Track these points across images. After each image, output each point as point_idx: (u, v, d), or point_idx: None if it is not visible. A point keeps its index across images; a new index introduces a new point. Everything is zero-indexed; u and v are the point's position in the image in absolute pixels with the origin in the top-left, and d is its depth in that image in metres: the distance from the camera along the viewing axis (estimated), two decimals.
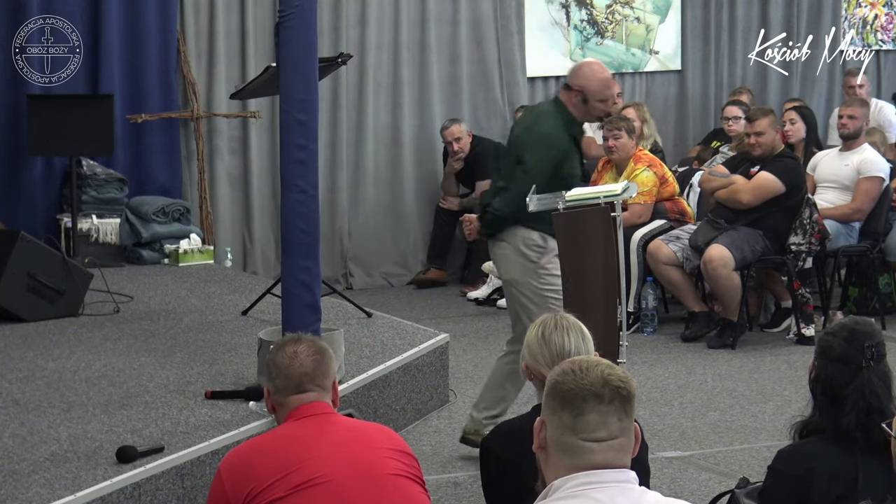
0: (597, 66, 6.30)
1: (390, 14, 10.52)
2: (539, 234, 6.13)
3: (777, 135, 8.62)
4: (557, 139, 6.09)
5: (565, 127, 6.12)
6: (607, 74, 6.28)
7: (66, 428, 5.54)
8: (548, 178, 6.01)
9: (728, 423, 6.88)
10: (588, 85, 6.13)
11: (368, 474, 3.54)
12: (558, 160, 6.05)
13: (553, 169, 6.04)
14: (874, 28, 12.26)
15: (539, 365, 3.80)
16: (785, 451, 3.69)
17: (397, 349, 6.93)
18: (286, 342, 3.81)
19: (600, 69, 6.27)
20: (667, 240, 8.71)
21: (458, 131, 10.14)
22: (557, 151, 6.07)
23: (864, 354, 3.61)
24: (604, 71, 6.27)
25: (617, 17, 11.39)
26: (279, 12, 5.76)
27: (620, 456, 2.64)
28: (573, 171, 6.17)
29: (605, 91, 6.20)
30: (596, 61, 6.49)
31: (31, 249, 7.63)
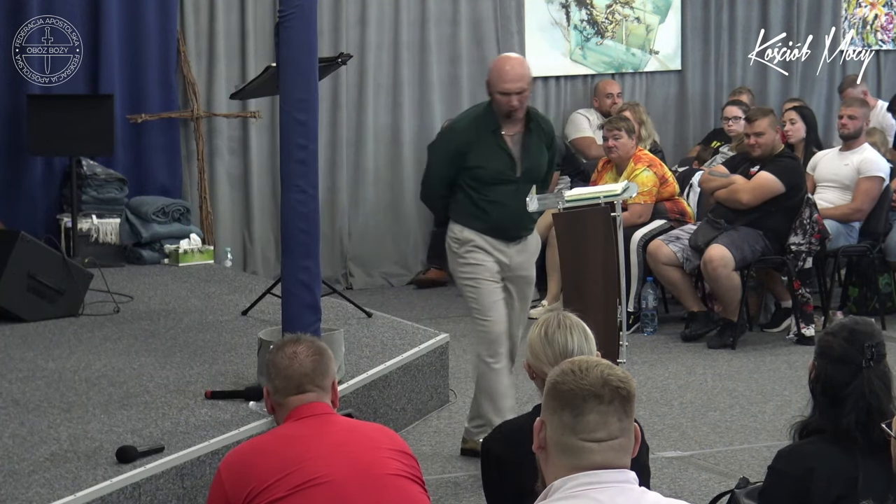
0: (500, 59, 6.19)
1: (390, 14, 10.51)
2: (459, 227, 6.14)
3: (777, 135, 8.62)
4: (457, 132, 6.13)
5: (476, 121, 6.09)
6: (506, 65, 6.03)
7: (66, 428, 5.54)
8: (450, 169, 6.07)
9: (728, 423, 6.88)
10: (488, 77, 6.12)
11: (368, 474, 3.55)
12: (458, 151, 6.03)
13: (452, 160, 6.05)
14: (874, 28, 12.25)
15: (542, 364, 3.80)
16: (785, 451, 3.69)
17: (397, 349, 6.93)
18: (286, 342, 3.81)
19: (502, 61, 6.12)
20: (667, 240, 8.72)
21: None
22: (454, 144, 6.08)
23: (864, 354, 3.62)
24: (504, 62, 6.07)
25: (617, 17, 11.38)
26: (279, 12, 5.76)
27: (620, 456, 2.64)
28: (486, 163, 6.03)
29: (500, 83, 5.99)
30: (508, 55, 6.34)
31: (31, 249, 7.62)
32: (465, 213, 6.09)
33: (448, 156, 6.10)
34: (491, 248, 6.10)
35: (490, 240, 6.10)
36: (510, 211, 6.06)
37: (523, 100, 6.03)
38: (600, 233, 6.84)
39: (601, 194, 7.22)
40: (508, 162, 6.06)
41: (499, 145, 6.03)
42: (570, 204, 7.13)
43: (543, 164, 6.23)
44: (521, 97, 6.00)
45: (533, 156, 6.14)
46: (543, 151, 6.22)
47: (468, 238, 6.09)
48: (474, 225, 6.07)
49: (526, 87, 6.00)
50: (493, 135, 6.02)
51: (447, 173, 6.10)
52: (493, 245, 6.11)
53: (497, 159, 6.03)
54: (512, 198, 6.04)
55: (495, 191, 6.06)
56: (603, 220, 6.85)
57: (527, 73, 6.06)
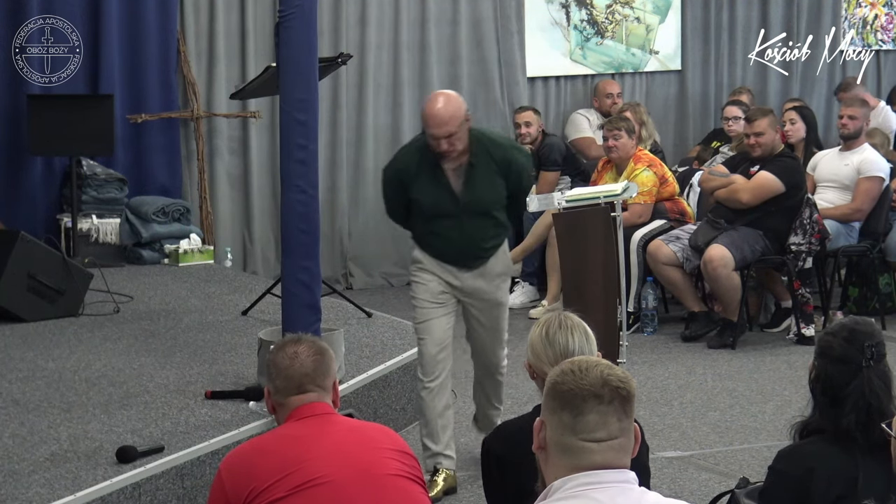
0: (430, 99, 5.73)
1: (390, 14, 10.51)
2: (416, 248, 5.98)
3: (777, 135, 8.61)
4: (399, 162, 5.90)
5: (419, 151, 5.78)
6: (433, 108, 5.62)
7: (66, 428, 5.54)
8: (397, 195, 5.90)
9: (728, 423, 6.88)
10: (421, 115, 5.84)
11: (368, 474, 3.55)
12: (401, 181, 5.82)
13: (397, 189, 5.87)
14: (874, 28, 12.26)
15: (542, 364, 3.80)
16: (785, 451, 3.69)
17: (397, 349, 6.93)
18: (286, 342, 3.81)
19: (430, 103, 5.68)
20: (667, 240, 8.71)
21: None
22: (396, 174, 5.85)
23: (864, 354, 3.62)
24: (432, 105, 5.64)
25: (617, 17, 11.38)
26: (279, 12, 5.76)
27: (620, 456, 2.64)
28: (424, 196, 5.77)
29: (427, 127, 5.66)
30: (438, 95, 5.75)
31: (31, 249, 7.63)
32: (417, 238, 5.96)
33: (392, 184, 5.91)
34: (440, 270, 5.86)
35: (441, 263, 5.87)
36: (454, 244, 5.80)
37: (454, 142, 5.63)
38: (600, 233, 6.84)
39: (601, 194, 7.23)
40: (448, 196, 5.75)
41: (439, 179, 5.74)
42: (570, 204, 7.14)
43: (492, 196, 5.83)
44: (451, 140, 5.61)
45: (478, 188, 5.76)
46: (494, 182, 5.81)
47: (417, 258, 5.92)
48: (425, 249, 5.90)
49: (455, 129, 5.59)
50: (433, 167, 5.73)
51: (397, 199, 5.93)
52: (443, 268, 5.86)
53: (436, 193, 5.75)
54: (455, 231, 5.78)
55: (437, 223, 5.80)
56: (603, 220, 6.85)
57: (457, 113, 5.62)
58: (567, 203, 7.16)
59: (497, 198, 5.85)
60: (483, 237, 5.85)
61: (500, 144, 5.94)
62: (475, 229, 5.80)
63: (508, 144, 6.12)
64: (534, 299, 9.66)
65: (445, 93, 5.80)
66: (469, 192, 5.75)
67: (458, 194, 5.75)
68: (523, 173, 5.99)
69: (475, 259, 5.86)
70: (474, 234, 5.81)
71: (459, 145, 5.67)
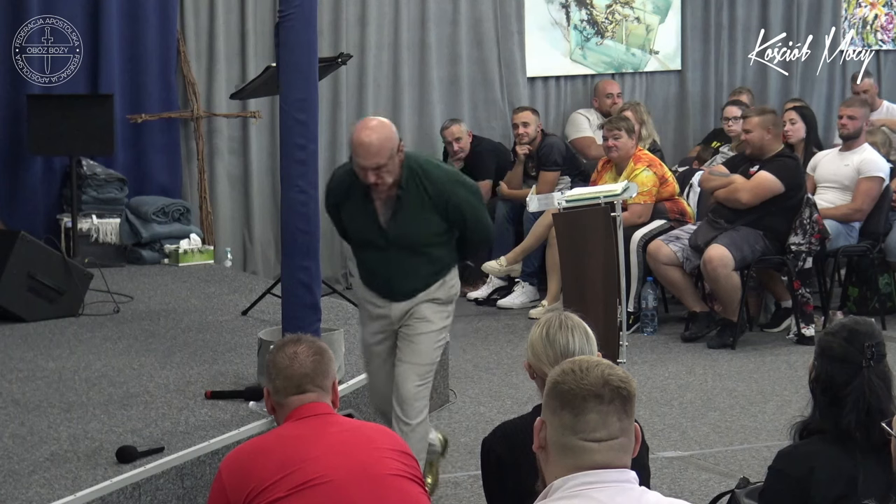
0: (358, 128, 5.32)
1: (390, 14, 10.52)
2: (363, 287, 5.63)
3: (769, 135, 8.60)
4: (331, 186, 5.56)
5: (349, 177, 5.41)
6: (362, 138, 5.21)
7: (66, 428, 5.54)
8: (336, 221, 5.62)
9: (728, 423, 6.88)
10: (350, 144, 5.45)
11: (368, 474, 3.55)
12: (334, 205, 5.52)
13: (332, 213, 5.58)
14: (874, 28, 12.26)
15: (542, 364, 3.80)
16: (785, 452, 3.69)
17: None
18: (286, 343, 3.81)
19: (358, 132, 5.28)
20: (667, 240, 8.71)
21: (458, 131, 10.13)
22: (330, 197, 5.55)
23: (865, 354, 3.61)
24: (360, 135, 5.23)
25: (617, 17, 11.39)
26: (279, 12, 5.76)
27: (620, 456, 2.64)
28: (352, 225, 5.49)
29: (355, 156, 5.27)
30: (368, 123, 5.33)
31: (31, 249, 7.63)
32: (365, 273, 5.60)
33: (328, 208, 5.61)
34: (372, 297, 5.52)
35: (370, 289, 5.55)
36: (380, 278, 5.46)
37: (383, 175, 5.22)
38: (600, 233, 6.85)
39: (601, 194, 7.23)
40: (375, 228, 5.38)
41: (365, 208, 5.38)
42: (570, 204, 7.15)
43: (423, 230, 5.38)
44: (380, 173, 5.21)
45: (406, 223, 5.34)
46: (426, 217, 5.36)
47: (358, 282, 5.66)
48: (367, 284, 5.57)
49: (384, 161, 5.18)
50: (362, 195, 5.36)
51: (335, 220, 5.63)
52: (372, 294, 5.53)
53: (363, 222, 5.41)
54: (382, 265, 5.42)
55: (365, 255, 5.51)
56: (603, 220, 6.86)
57: (386, 144, 5.20)
58: (567, 203, 7.17)
59: (428, 234, 5.38)
60: (414, 274, 5.42)
61: (437, 179, 5.38)
62: (404, 265, 5.40)
63: (447, 178, 5.44)
64: (534, 299, 9.66)
65: (377, 120, 5.36)
66: (396, 226, 5.36)
67: (384, 227, 5.37)
68: (465, 209, 5.40)
69: (405, 293, 5.44)
70: (402, 269, 5.40)
71: (389, 178, 5.25)
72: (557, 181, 9.74)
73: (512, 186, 10.03)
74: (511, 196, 9.98)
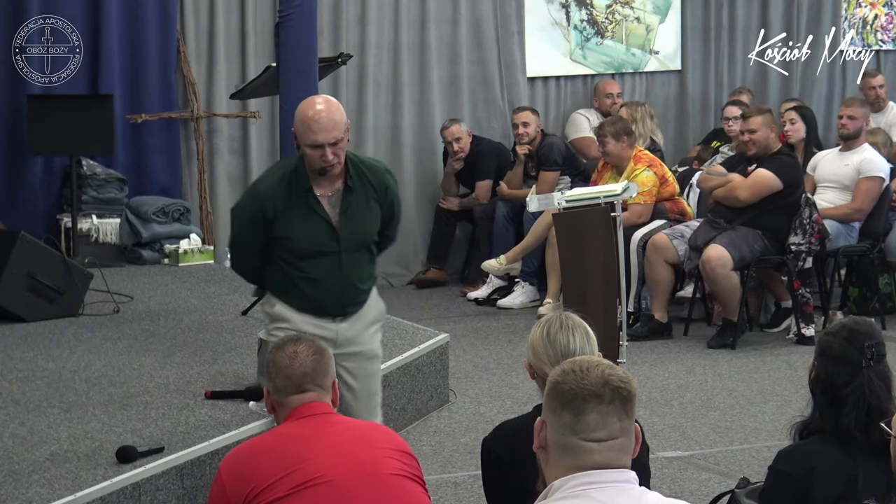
0: (306, 104, 4.93)
1: (390, 14, 10.52)
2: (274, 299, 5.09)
3: (772, 134, 8.60)
4: (261, 194, 4.96)
5: (284, 179, 4.93)
6: (314, 112, 4.82)
7: (66, 428, 5.54)
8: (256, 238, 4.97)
9: (728, 423, 6.88)
10: (294, 127, 4.94)
11: (369, 474, 3.55)
12: (264, 217, 4.90)
13: (257, 228, 4.94)
14: (874, 28, 12.26)
15: (543, 364, 3.80)
16: (785, 451, 3.69)
17: (397, 349, 6.93)
18: (286, 342, 3.81)
19: (307, 107, 4.88)
20: (671, 235, 8.66)
21: (458, 131, 10.14)
22: (258, 209, 4.92)
23: (865, 354, 3.61)
24: (311, 109, 4.84)
25: (617, 17, 11.39)
26: (279, 12, 5.77)
27: (620, 456, 2.64)
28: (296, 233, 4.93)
29: (308, 135, 4.80)
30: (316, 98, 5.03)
31: (31, 249, 7.62)
32: (278, 290, 5.03)
33: (252, 223, 4.95)
34: (310, 327, 4.93)
35: (309, 318, 4.99)
36: (332, 289, 4.97)
37: (339, 152, 4.83)
38: (600, 233, 6.85)
39: (601, 194, 7.24)
40: (326, 230, 4.93)
41: (313, 210, 4.91)
42: (570, 204, 7.15)
43: (371, 226, 5.06)
44: (337, 149, 4.81)
45: (357, 219, 4.98)
46: (372, 209, 5.04)
47: (281, 315, 5.01)
48: (290, 302, 4.99)
49: (342, 136, 4.81)
50: (305, 197, 4.90)
51: (255, 242, 4.99)
52: (313, 324, 4.97)
53: (312, 227, 4.92)
54: (333, 273, 4.97)
55: (312, 265, 4.96)
56: (603, 220, 6.86)
57: (340, 117, 4.85)
58: (567, 203, 7.18)
59: (373, 230, 5.08)
60: (361, 276, 5.07)
61: (375, 167, 5.12)
62: (354, 267, 5.02)
63: (382, 167, 5.19)
64: (534, 299, 9.66)
65: (325, 97, 5.05)
66: (348, 223, 4.96)
67: (336, 227, 4.94)
68: (396, 201, 5.16)
69: (353, 304, 5.05)
70: (353, 273, 5.03)
71: (342, 156, 4.88)
72: (557, 181, 9.74)
73: (512, 186, 10.03)
74: (511, 196, 9.98)
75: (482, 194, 10.19)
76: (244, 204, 5.07)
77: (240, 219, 5.06)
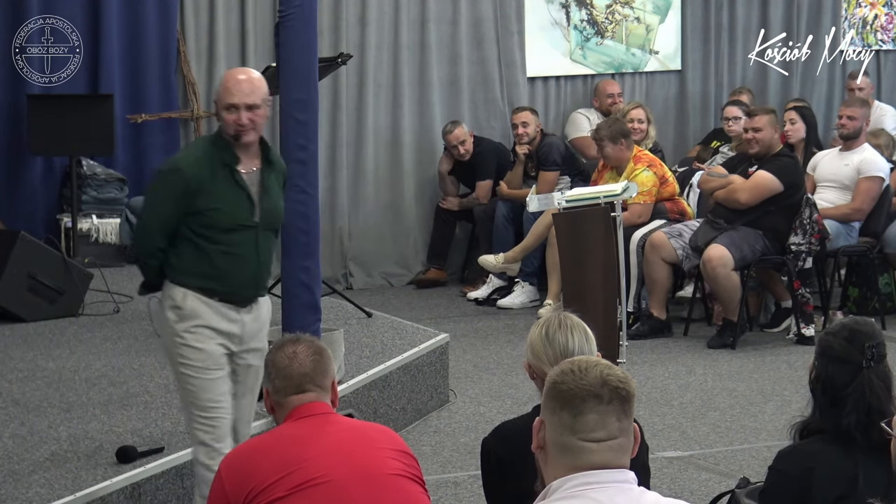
0: (229, 71, 5.01)
1: (390, 14, 10.52)
2: (181, 291, 4.85)
3: (776, 135, 8.61)
4: (185, 168, 4.83)
5: (207, 154, 4.87)
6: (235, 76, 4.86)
7: (66, 428, 5.54)
8: (175, 214, 4.81)
9: (728, 423, 6.88)
10: (215, 95, 4.93)
11: (368, 474, 3.55)
12: (187, 191, 4.77)
13: (179, 203, 4.79)
14: (874, 28, 12.25)
15: (542, 364, 3.80)
16: (785, 451, 3.68)
17: (397, 349, 6.93)
18: (285, 342, 3.81)
19: (230, 72, 4.96)
20: (669, 234, 8.66)
21: (462, 134, 10.13)
22: (182, 182, 4.78)
23: (865, 355, 3.61)
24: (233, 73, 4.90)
25: (617, 17, 11.38)
26: (279, 12, 5.76)
27: (619, 456, 2.64)
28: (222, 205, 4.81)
29: (226, 96, 4.78)
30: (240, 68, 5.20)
31: (31, 249, 7.63)
32: (190, 272, 4.83)
33: (174, 198, 4.80)
34: (220, 319, 4.83)
35: (221, 308, 4.84)
36: (250, 265, 4.87)
37: (256, 119, 4.80)
38: (600, 233, 6.85)
39: (601, 194, 7.24)
40: (247, 204, 4.85)
41: (236, 183, 4.83)
42: (570, 204, 7.16)
43: (282, 207, 5.06)
44: (254, 115, 4.78)
45: (272, 198, 4.94)
46: (280, 193, 5.03)
47: (193, 310, 4.80)
48: (204, 286, 4.82)
49: (260, 102, 4.79)
50: (227, 170, 4.82)
51: (172, 220, 4.82)
52: (223, 315, 4.84)
53: (235, 200, 4.83)
54: (251, 248, 4.88)
55: (232, 239, 4.83)
56: (603, 220, 6.86)
57: (261, 86, 4.84)
58: (567, 203, 7.18)
59: (283, 210, 5.08)
60: (269, 260, 5.02)
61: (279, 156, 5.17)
62: (267, 249, 4.97)
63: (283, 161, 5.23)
64: (534, 299, 9.66)
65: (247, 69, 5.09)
66: (267, 200, 4.91)
67: (255, 202, 4.87)
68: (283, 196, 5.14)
69: (261, 288, 4.98)
70: (267, 255, 4.98)
71: (260, 127, 4.86)
72: (557, 181, 9.75)
73: (512, 186, 10.03)
74: (511, 196, 9.99)
75: (482, 194, 10.19)
76: (165, 181, 4.90)
77: (160, 191, 4.92)
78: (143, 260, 4.94)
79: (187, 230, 4.81)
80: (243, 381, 4.93)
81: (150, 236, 4.87)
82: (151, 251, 4.87)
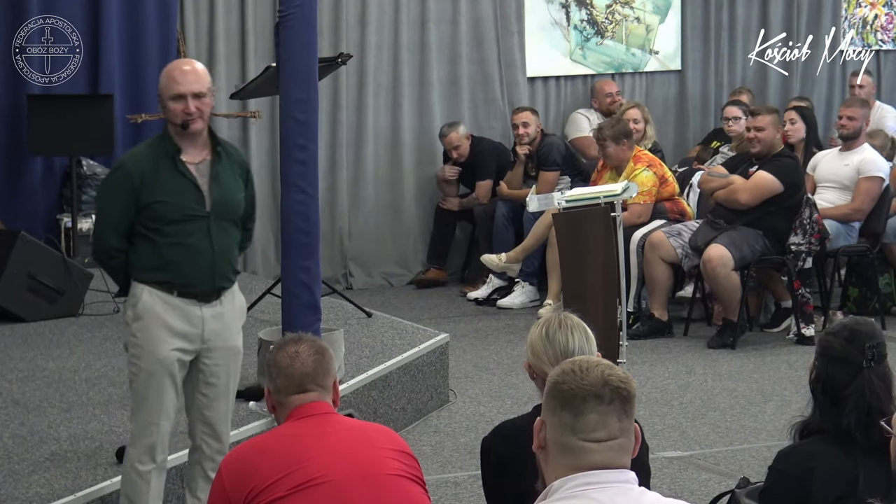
0: (172, 64, 5.08)
1: (390, 14, 10.51)
2: (139, 287, 4.84)
3: (778, 135, 8.61)
4: (130, 164, 4.86)
5: (152, 148, 4.93)
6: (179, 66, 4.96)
7: (66, 428, 5.54)
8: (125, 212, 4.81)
9: (728, 423, 6.88)
10: (159, 88, 4.96)
11: (369, 474, 3.55)
12: (133, 187, 4.77)
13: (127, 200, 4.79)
14: (874, 28, 12.26)
15: (542, 363, 3.80)
16: (785, 451, 3.69)
17: (397, 349, 6.93)
18: (287, 342, 3.81)
19: (174, 63, 5.06)
20: (669, 234, 8.66)
21: (457, 138, 10.12)
22: (127, 179, 4.81)
23: (865, 355, 3.61)
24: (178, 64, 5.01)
25: (617, 17, 11.38)
26: (279, 12, 5.76)
27: (620, 456, 2.64)
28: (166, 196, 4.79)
29: (172, 86, 4.83)
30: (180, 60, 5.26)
31: (31, 249, 7.63)
32: (145, 267, 4.82)
33: (121, 195, 4.81)
34: (177, 318, 4.79)
35: (180, 304, 4.80)
36: (203, 256, 4.82)
37: (203, 108, 4.84)
38: (600, 233, 6.85)
39: (601, 194, 7.24)
40: (194, 194, 4.83)
41: (180, 173, 4.82)
42: (570, 204, 7.16)
43: (239, 199, 4.98)
44: (200, 104, 4.82)
45: (225, 186, 4.90)
46: (239, 185, 4.98)
47: (147, 307, 4.77)
48: (159, 279, 4.79)
49: (206, 91, 4.85)
50: (172, 161, 4.83)
51: (123, 218, 4.82)
52: (182, 313, 4.80)
53: (180, 190, 4.82)
54: (203, 239, 4.83)
55: (182, 230, 4.81)
56: (603, 220, 6.86)
57: (207, 77, 4.93)
58: (567, 203, 7.18)
59: (242, 201, 5.01)
60: (231, 252, 4.96)
61: (238, 150, 5.21)
62: (224, 240, 4.91)
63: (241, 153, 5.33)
64: (534, 299, 9.66)
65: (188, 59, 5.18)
66: (218, 189, 4.88)
67: (204, 192, 4.86)
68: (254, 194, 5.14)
69: (224, 280, 4.90)
70: (223, 246, 4.90)
71: (207, 116, 4.88)
72: (557, 181, 9.74)
73: (512, 186, 10.03)
74: (511, 196, 9.99)
75: (482, 194, 10.19)
76: (112, 179, 4.97)
77: (106, 191, 4.99)
78: (102, 261, 4.96)
79: (140, 226, 4.82)
80: (215, 384, 4.90)
81: (103, 236, 4.89)
82: (107, 251, 4.87)
